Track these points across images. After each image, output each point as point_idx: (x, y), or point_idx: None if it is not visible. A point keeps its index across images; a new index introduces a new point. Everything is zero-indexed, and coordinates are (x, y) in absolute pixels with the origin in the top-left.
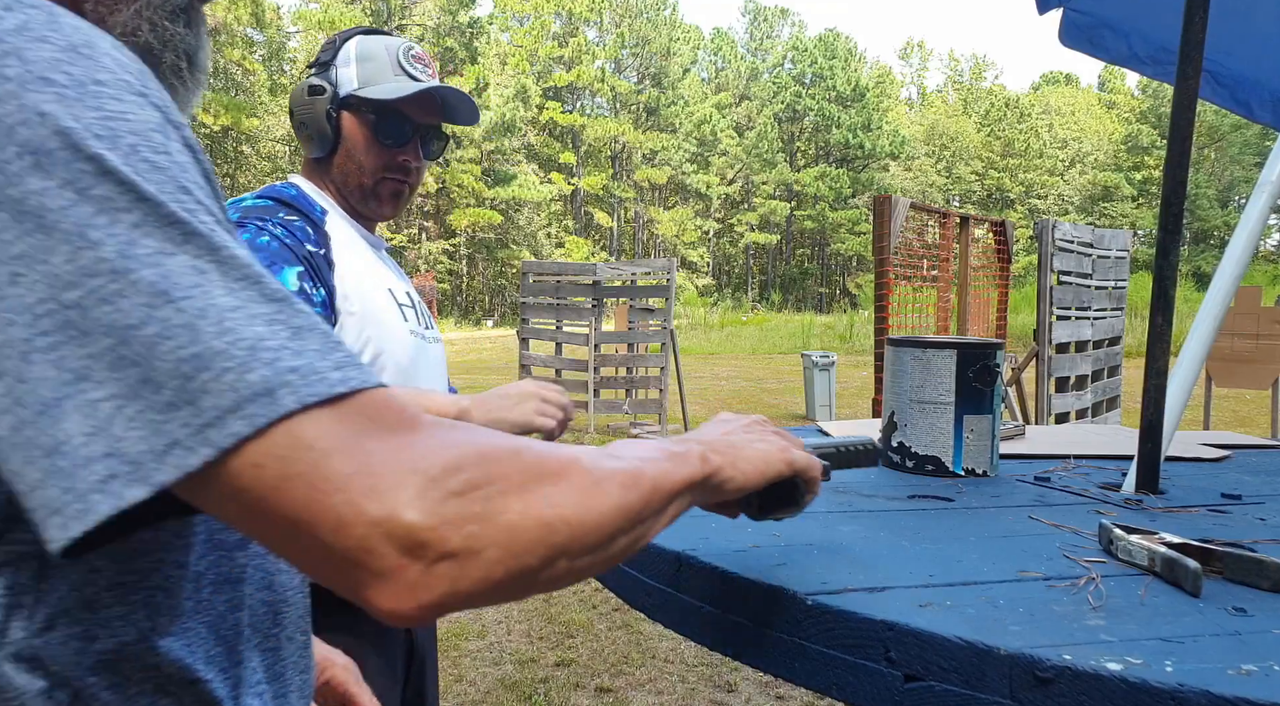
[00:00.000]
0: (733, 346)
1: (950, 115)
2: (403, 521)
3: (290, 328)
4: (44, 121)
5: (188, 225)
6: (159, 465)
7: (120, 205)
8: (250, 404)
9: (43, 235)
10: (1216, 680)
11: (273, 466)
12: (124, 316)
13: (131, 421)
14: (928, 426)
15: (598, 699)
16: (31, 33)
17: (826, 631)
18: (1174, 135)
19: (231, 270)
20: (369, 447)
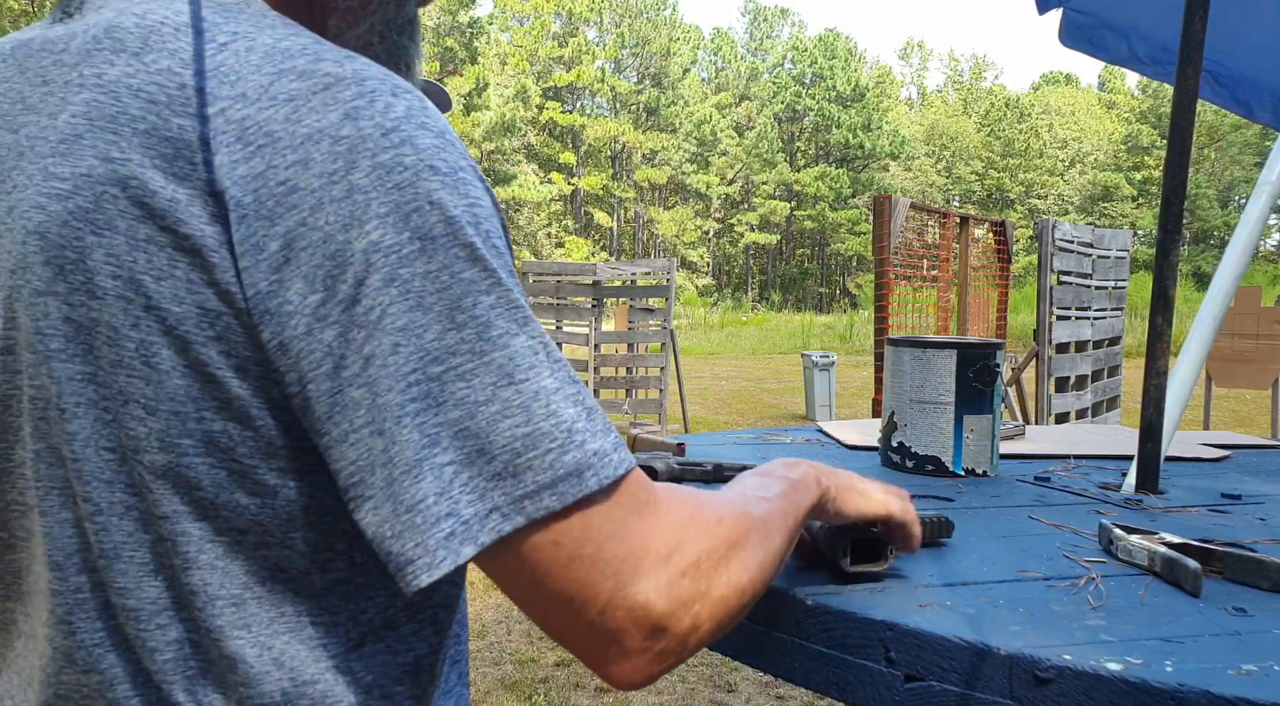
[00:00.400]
0: (733, 346)
1: (950, 115)
2: (653, 610)
3: (585, 408)
4: (434, 209)
5: (523, 309)
6: (482, 527)
7: (482, 288)
8: (563, 482)
9: (421, 313)
10: (1216, 680)
11: (566, 545)
12: (474, 393)
13: (465, 486)
14: (928, 426)
15: (598, 699)
16: (415, 119)
17: (826, 631)
18: (1174, 135)
19: (550, 352)
20: (632, 530)
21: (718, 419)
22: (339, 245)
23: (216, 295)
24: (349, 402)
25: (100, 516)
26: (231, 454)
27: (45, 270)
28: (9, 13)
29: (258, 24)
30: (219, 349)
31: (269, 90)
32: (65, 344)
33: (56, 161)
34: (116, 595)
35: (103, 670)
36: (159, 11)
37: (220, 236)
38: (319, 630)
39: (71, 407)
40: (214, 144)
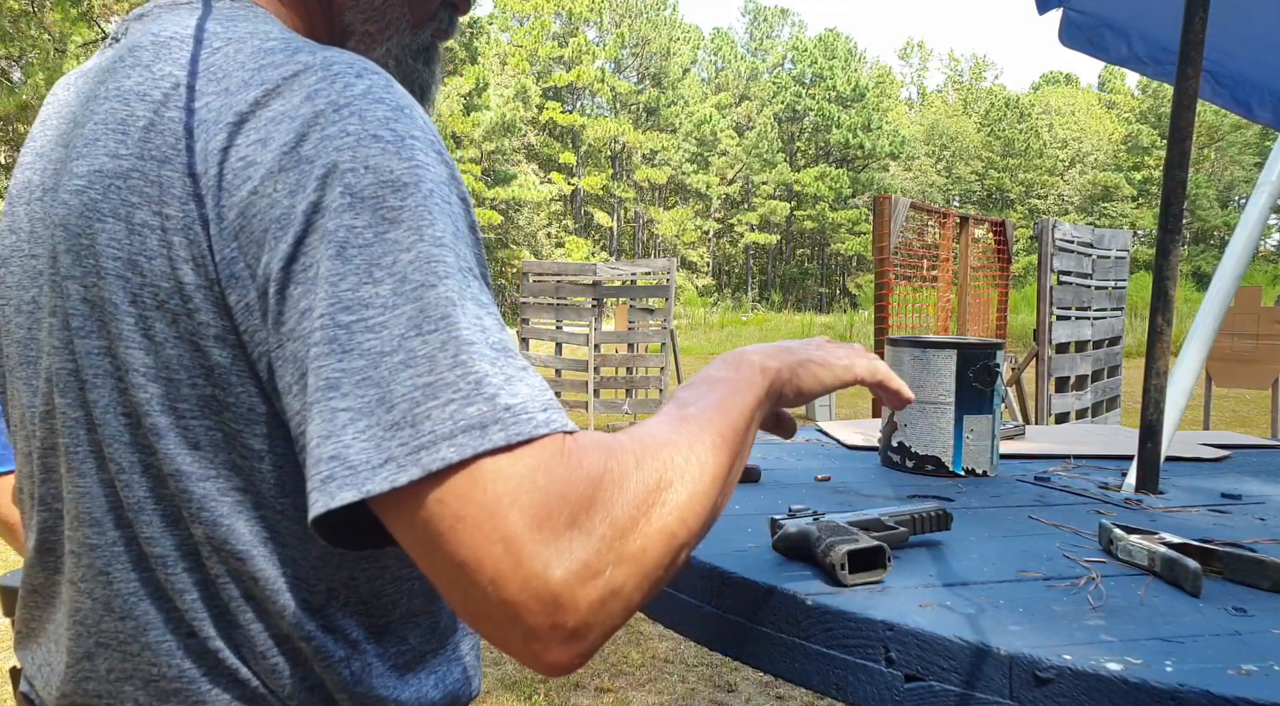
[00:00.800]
0: (733, 346)
1: (950, 115)
2: (551, 580)
3: (506, 365)
4: (368, 172)
5: (444, 265)
6: (372, 476)
7: (403, 245)
8: (463, 434)
9: (342, 264)
10: (1216, 680)
11: (452, 505)
12: (381, 343)
13: (360, 434)
14: (928, 426)
15: (598, 699)
16: (372, 95)
17: (826, 631)
18: (1174, 135)
19: (474, 309)
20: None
21: None
22: (284, 209)
23: (194, 269)
24: (288, 356)
25: (124, 475)
26: (221, 416)
27: (67, 257)
28: (9, 12)
29: (254, 29)
30: (200, 319)
31: (248, 82)
32: (84, 322)
33: (78, 162)
34: (146, 544)
35: (138, 616)
36: (171, 28)
37: (196, 213)
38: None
39: (91, 378)
40: (196, 132)
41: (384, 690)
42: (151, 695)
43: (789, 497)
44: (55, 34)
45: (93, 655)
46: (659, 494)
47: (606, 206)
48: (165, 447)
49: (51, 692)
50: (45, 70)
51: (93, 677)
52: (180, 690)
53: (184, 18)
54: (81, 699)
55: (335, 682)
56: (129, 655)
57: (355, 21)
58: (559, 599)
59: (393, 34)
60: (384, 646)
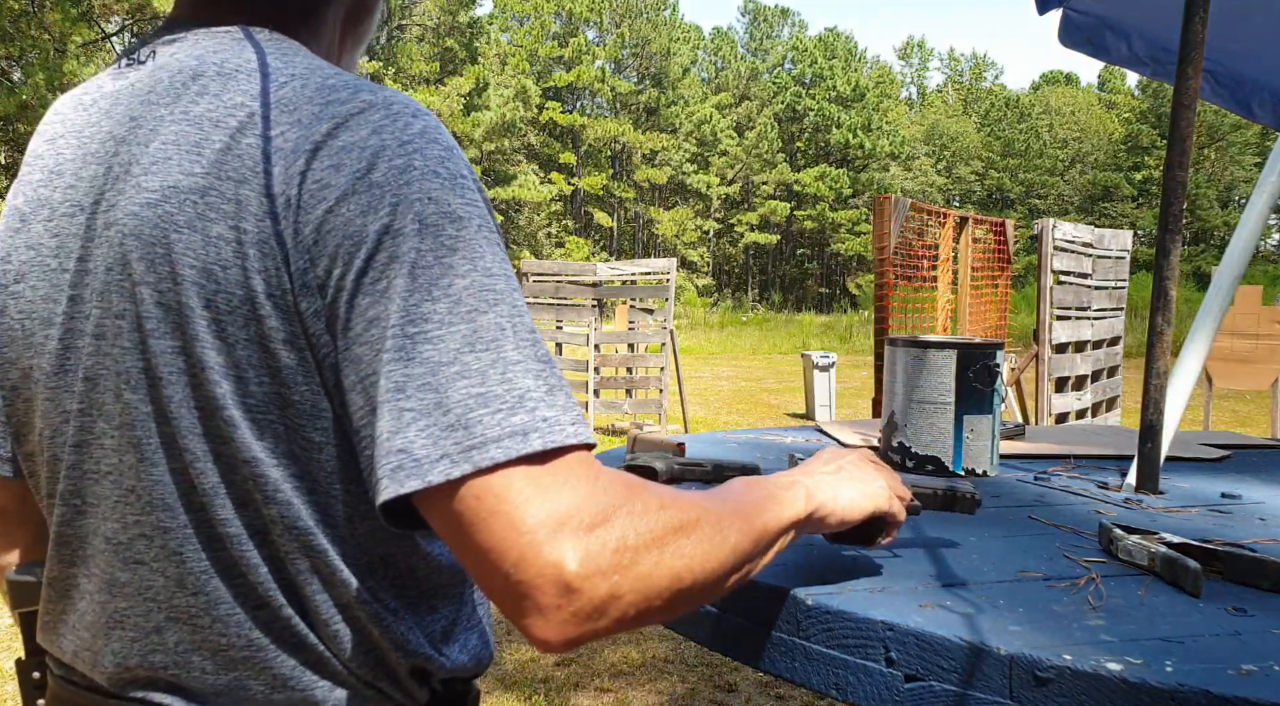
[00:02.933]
0: (733, 346)
1: (950, 115)
2: (565, 569)
3: (546, 383)
4: (432, 203)
5: (495, 293)
6: (432, 468)
7: (459, 272)
8: (509, 439)
9: (410, 282)
10: (1216, 680)
11: (487, 500)
12: (439, 354)
13: (421, 431)
14: (928, 426)
15: (597, 699)
16: (428, 135)
17: (826, 631)
18: (1174, 135)
19: (519, 332)
20: (562, 497)
21: (718, 419)
22: (357, 228)
23: (267, 279)
24: (354, 357)
25: (198, 463)
26: (285, 412)
27: (140, 264)
28: (9, 12)
29: (310, 67)
30: (270, 324)
31: (318, 115)
32: (158, 324)
33: (148, 178)
34: (219, 525)
35: (209, 591)
36: (234, 59)
37: (272, 229)
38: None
39: (166, 376)
40: (273, 156)
41: (430, 653)
42: (219, 664)
43: None
44: (55, 34)
45: (162, 629)
46: (675, 537)
47: (606, 206)
48: (240, 437)
49: (104, 672)
50: (45, 70)
51: (160, 650)
52: (248, 657)
53: (234, 48)
54: (146, 671)
55: (391, 643)
56: (199, 627)
57: (349, 64)
58: (570, 585)
59: (366, 37)
60: (419, 615)
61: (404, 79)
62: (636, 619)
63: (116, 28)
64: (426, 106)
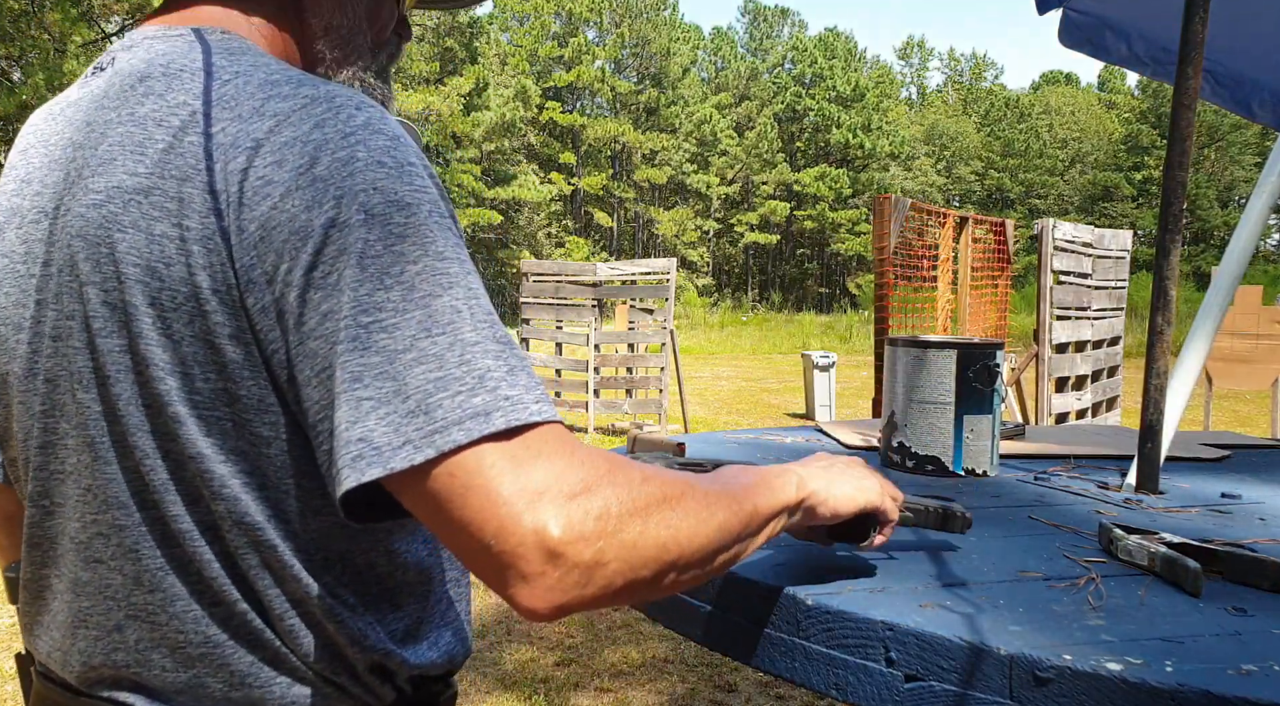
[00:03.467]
0: (733, 346)
1: (950, 115)
2: (548, 534)
3: (507, 363)
4: (378, 193)
5: (449, 276)
6: (394, 455)
7: (410, 258)
8: (471, 420)
9: (360, 272)
10: (1216, 680)
11: (461, 476)
12: (394, 342)
13: (382, 420)
14: (928, 426)
15: (597, 699)
16: (372, 126)
17: (826, 631)
18: (1174, 135)
19: (475, 313)
20: (537, 469)
21: (718, 419)
22: (303, 223)
23: (212, 274)
24: (309, 352)
25: (148, 460)
26: (232, 407)
27: (86, 264)
28: (9, 12)
29: (255, 64)
30: (215, 320)
31: (259, 110)
32: (104, 323)
33: (94, 180)
34: (172, 522)
35: (165, 588)
36: (179, 60)
37: (216, 225)
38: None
39: (114, 374)
40: (215, 153)
41: (390, 650)
42: (178, 661)
43: None
44: (55, 34)
45: (122, 627)
46: (661, 507)
47: (606, 206)
48: (186, 434)
49: (72, 671)
50: (45, 70)
51: (122, 648)
52: (206, 654)
53: (184, 49)
54: (110, 670)
55: (347, 638)
56: (157, 625)
57: (325, 49)
58: (554, 549)
59: (356, 59)
60: (381, 612)
61: (404, 79)
62: (624, 590)
63: (116, 28)
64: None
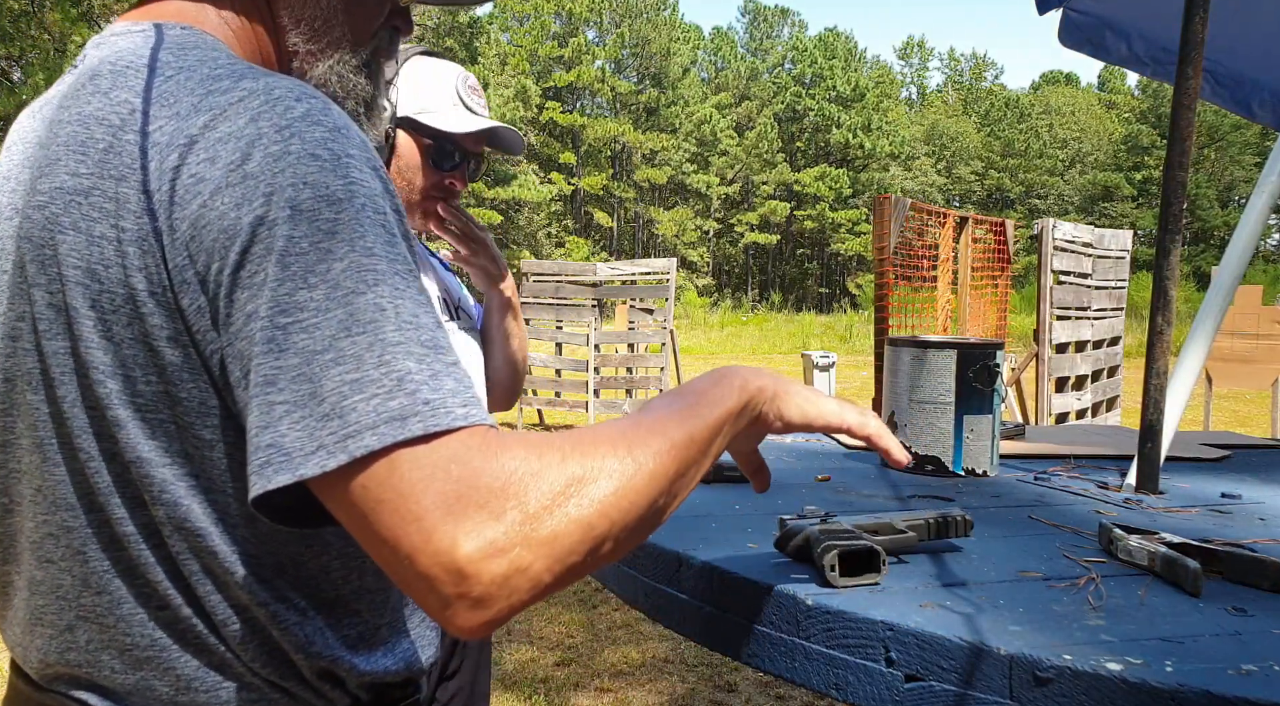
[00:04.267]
0: (733, 346)
1: (950, 115)
2: (457, 555)
3: (430, 365)
4: (307, 187)
5: (375, 273)
6: (305, 461)
7: (337, 255)
8: (385, 425)
9: (283, 271)
10: (1216, 680)
11: (373, 489)
12: (313, 343)
13: (295, 424)
14: (928, 426)
15: (598, 699)
16: (311, 117)
17: (826, 631)
18: (1174, 135)
19: (401, 312)
20: (452, 478)
21: None
22: (231, 221)
23: (147, 276)
24: (236, 354)
25: (92, 462)
26: (174, 410)
27: (32, 266)
28: (9, 12)
29: (202, 59)
30: (153, 322)
31: (197, 107)
32: (49, 324)
33: (42, 180)
34: (116, 525)
35: (112, 591)
36: (127, 57)
37: (150, 225)
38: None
39: (58, 376)
40: (150, 152)
41: (339, 657)
42: (127, 663)
43: (789, 498)
44: (55, 34)
45: (73, 627)
46: (579, 487)
47: (606, 206)
48: (126, 437)
49: (32, 667)
50: (45, 70)
51: (74, 648)
52: (152, 657)
53: (138, 45)
54: (65, 669)
55: (292, 645)
56: (105, 627)
57: (299, 42)
58: (464, 571)
59: (334, 52)
60: (335, 618)
61: None
62: (559, 580)
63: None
64: None
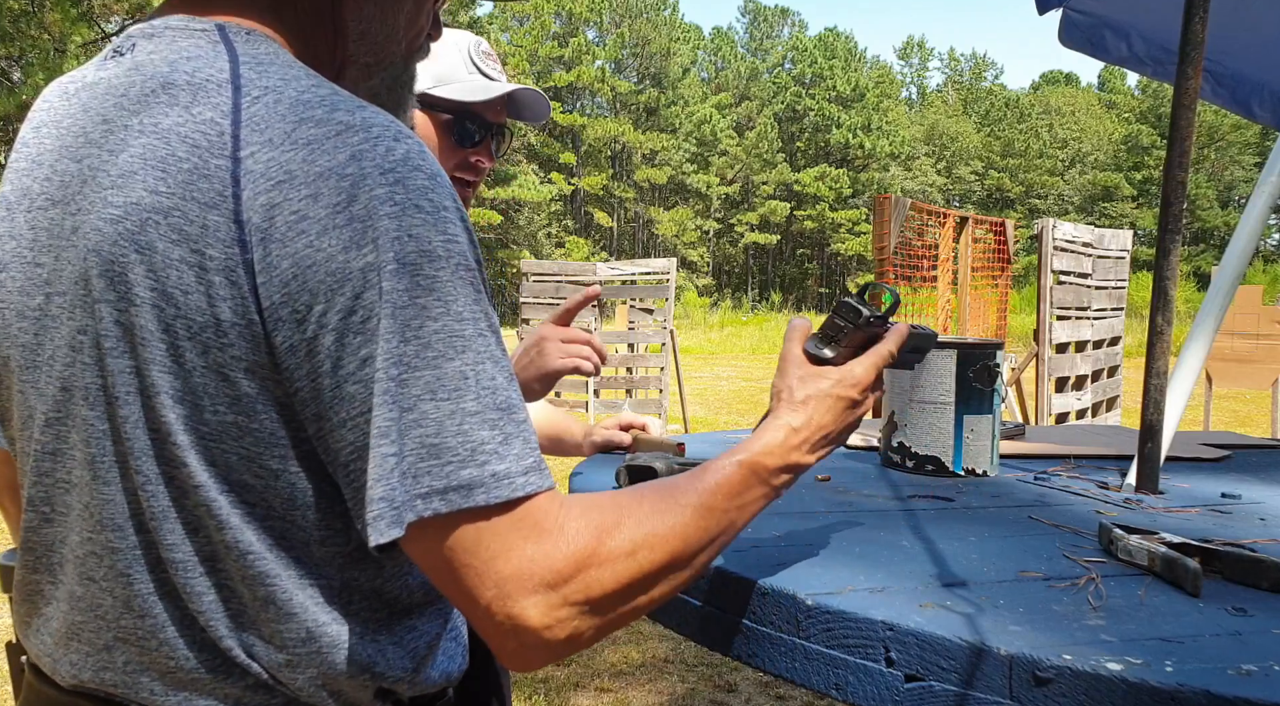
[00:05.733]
0: (733, 346)
1: (950, 115)
2: (525, 624)
3: (504, 435)
4: (413, 241)
5: (466, 337)
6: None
7: (432, 314)
8: (454, 492)
9: (388, 322)
10: (1216, 680)
11: (452, 553)
12: (402, 400)
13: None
14: (928, 426)
15: (597, 699)
16: (411, 162)
17: (826, 631)
18: (1174, 135)
19: (484, 380)
20: (522, 553)
21: (718, 419)
22: (340, 264)
23: (232, 308)
24: (346, 396)
25: (149, 485)
26: (241, 441)
27: (100, 281)
28: (9, 13)
29: (285, 77)
30: (233, 353)
31: (291, 136)
32: (115, 343)
33: (114, 192)
34: (166, 550)
35: (155, 614)
36: (206, 69)
37: (241, 257)
38: (323, 592)
39: (122, 396)
40: (243, 180)
41: (399, 671)
42: (168, 685)
43: (788, 497)
44: (55, 34)
45: (111, 648)
46: (645, 580)
47: (606, 206)
48: (191, 461)
49: (64, 679)
50: (45, 70)
51: (110, 668)
52: (195, 680)
53: (207, 51)
54: (98, 687)
55: (357, 666)
56: (146, 650)
57: (358, 53)
58: (527, 636)
59: (389, 67)
60: (396, 634)
61: None
62: (600, 634)
63: (116, 28)
64: None
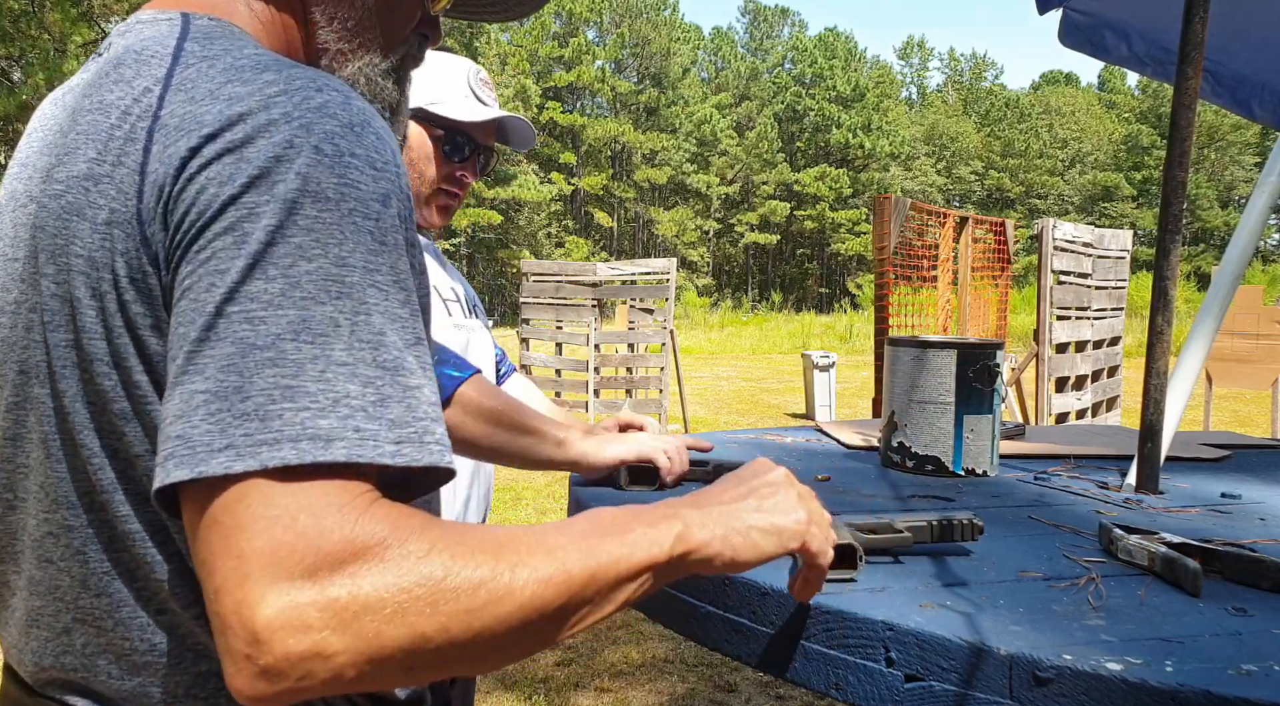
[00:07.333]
0: (733, 346)
1: (950, 115)
2: (256, 616)
3: (378, 394)
4: (297, 179)
5: (347, 284)
6: (209, 459)
7: (307, 255)
8: (309, 440)
9: (239, 259)
10: (1216, 680)
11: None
12: (255, 337)
13: (209, 417)
14: (928, 426)
15: (597, 699)
16: (327, 109)
17: (826, 631)
18: (1174, 135)
19: (363, 333)
20: (320, 528)
21: (718, 419)
22: (210, 197)
23: (127, 261)
24: (176, 336)
25: (95, 459)
26: None
27: (43, 255)
28: (9, 13)
29: (227, 49)
30: (135, 309)
31: (214, 93)
32: (54, 316)
33: (59, 169)
34: (119, 523)
35: (112, 593)
36: (153, 46)
37: (134, 206)
38: None
39: (59, 369)
40: (155, 135)
41: None
42: (124, 668)
43: None
44: (55, 34)
45: (70, 630)
46: (432, 590)
47: (606, 206)
48: (132, 431)
49: (26, 670)
50: (45, 70)
51: (70, 652)
52: (150, 663)
53: (164, 34)
54: (59, 673)
55: None
56: (103, 630)
57: (329, 40)
58: (257, 635)
59: (364, 54)
60: None
61: None
62: (363, 679)
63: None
64: None
